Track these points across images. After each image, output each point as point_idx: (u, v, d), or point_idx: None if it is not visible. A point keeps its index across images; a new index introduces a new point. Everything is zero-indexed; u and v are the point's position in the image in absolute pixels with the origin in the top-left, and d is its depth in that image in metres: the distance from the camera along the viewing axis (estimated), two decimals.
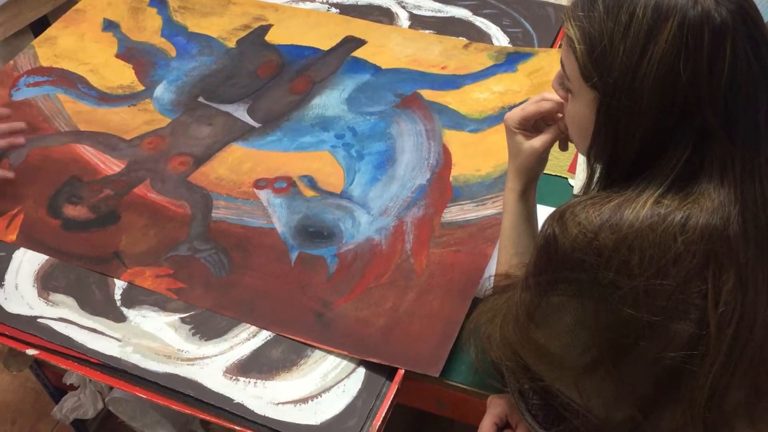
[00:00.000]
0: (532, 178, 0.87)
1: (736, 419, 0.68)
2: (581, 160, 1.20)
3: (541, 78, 1.30)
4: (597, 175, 0.72)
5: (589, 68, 0.65)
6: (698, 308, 0.63)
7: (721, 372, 0.64)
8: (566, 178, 1.18)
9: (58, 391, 1.48)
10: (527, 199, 0.88)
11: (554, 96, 0.80)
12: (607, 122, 0.66)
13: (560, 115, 0.82)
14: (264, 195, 1.17)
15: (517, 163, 0.86)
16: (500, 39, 1.44)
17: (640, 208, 0.63)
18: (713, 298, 0.62)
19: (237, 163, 1.23)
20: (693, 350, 0.64)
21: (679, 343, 0.64)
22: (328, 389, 0.92)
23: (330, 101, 1.33)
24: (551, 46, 1.40)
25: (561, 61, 0.70)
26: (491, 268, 1.02)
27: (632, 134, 0.65)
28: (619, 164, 0.68)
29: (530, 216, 0.89)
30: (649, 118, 0.63)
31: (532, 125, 0.85)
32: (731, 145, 0.63)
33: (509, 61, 1.36)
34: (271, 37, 1.48)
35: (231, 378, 0.94)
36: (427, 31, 1.47)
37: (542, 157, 0.85)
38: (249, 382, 0.94)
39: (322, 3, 1.56)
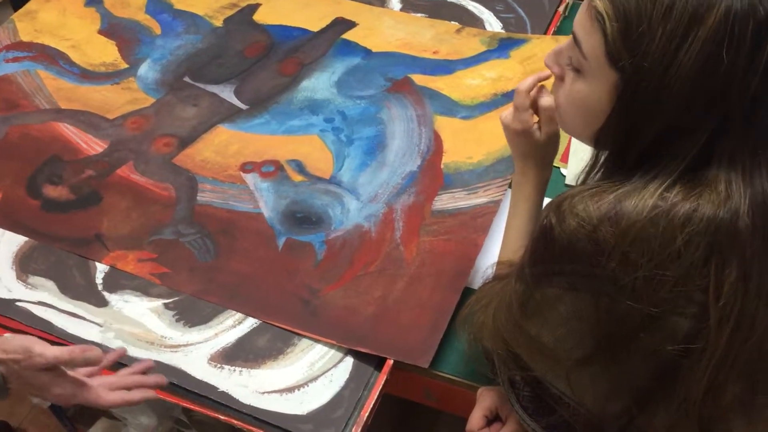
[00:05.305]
0: (537, 160, 0.84)
1: (732, 414, 0.68)
2: (574, 149, 1.19)
3: (533, 65, 1.28)
4: (600, 161, 0.70)
5: (621, 49, 0.61)
6: (699, 302, 0.62)
7: (719, 367, 0.63)
8: (558, 168, 1.17)
9: None
10: (543, 187, 0.86)
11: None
12: (627, 108, 0.63)
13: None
14: (251, 179, 1.15)
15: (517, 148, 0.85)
16: (493, 24, 1.41)
17: (645, 200, 0.62)
18: (715, 291, 0.61)
19: (223, 146, 1.20)
20: (691, 344, 0.63)
21: (678, 336, 0.63)
22: (315, 379, 0.90)
23: (319, 84, 1.30)
24: (545, 33, 1.38)
25: (574, 37, 0.66)
26: (482, 258, 1.01)
27: (651, 123, 0.62)
28: (628, 152, 0.65)
29: (541, 205, 0.87)
30: (675, 108, 0.61)
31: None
32: (746, 139, 0.62)
33: (502, 47, 1.34)
34: (260, 17, 1.45)
35: (216, 366, 0.92)
36: (419, 15, 1.44)
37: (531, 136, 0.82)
38: (234, 370, 0.92)
39: None
